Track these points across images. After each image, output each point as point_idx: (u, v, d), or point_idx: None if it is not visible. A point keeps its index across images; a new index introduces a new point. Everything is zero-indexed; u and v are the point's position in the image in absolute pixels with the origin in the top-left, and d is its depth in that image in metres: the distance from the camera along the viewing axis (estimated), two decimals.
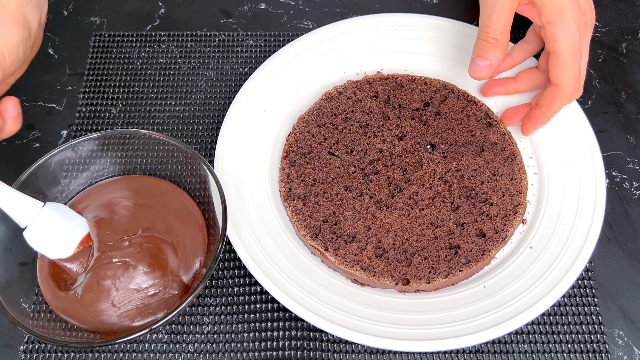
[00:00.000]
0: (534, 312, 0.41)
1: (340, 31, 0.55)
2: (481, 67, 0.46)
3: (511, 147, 0.49)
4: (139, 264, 0.42)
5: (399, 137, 0.50)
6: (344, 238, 0.45)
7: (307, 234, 0.45)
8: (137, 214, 0.44)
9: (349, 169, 0.48)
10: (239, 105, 0.51)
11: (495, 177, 0.47)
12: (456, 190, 0.47)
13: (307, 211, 0.46)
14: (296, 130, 0.50)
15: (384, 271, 0.43)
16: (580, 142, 0.48)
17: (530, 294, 0.42)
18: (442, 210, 0.46)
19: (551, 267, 0.43)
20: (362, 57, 0.55)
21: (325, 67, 0.54)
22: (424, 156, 0.49)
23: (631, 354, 0.43)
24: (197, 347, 0.43)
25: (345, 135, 0.50)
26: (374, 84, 0.53)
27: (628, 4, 0.61)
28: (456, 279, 0.43)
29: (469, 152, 0.49)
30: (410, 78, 0.53)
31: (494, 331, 0.40)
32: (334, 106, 0.52)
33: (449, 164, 0.48)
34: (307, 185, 0.47)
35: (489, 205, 0.46)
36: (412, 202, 0.47)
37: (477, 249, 0.44)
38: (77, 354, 0.43)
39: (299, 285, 0.42)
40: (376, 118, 0.51)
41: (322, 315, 0.41)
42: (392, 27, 0.56)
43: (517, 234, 0.46)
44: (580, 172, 0.47)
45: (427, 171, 0.48)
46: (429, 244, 0.45)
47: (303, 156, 0.49)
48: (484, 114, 0.51)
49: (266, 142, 0.50)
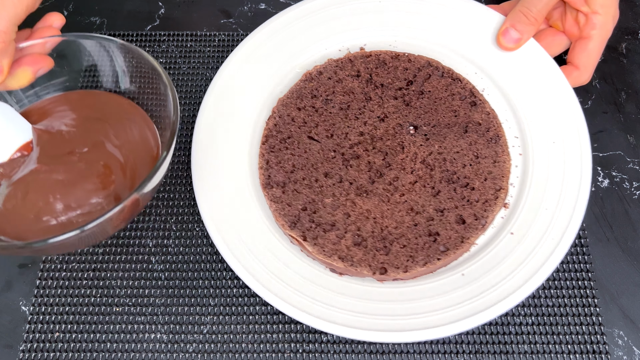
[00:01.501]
0: (511, 302, 0.40)
1: (321, 5, 0.53)
2: (514, 39, 0.49)
3: (495, 127, 0.47)
4: (82, 181, 0.39)
5: (380, 119, 0.49)
6: (322, 226, 0.45)
7: (285, 223, 0.45)
8: (88, 129, 0.42)
9: (329, 154, 0.47)
10: (216, 90, 0.49)
11: (478, 160, 0.46)
12: (437, 174, 0.46)
13: (286, 199, 0.46)
14: (275, 114, 0.49)
15: (362, 260, 0.43)
16: (568, 122, 0.47)
17: (508, 283, 0.41)
18: (422, 195, 0.45)
19: (531, 254, 0.42)
20: (345, 32, 0.53)
21: (306, 44, 0.52)
22: (405, 139, 0.48)
23: (631, 354, 0.43)
24: (196, 347, 0.44)
25: (326, 118, 0.49)
26: (356, 62, 0.51)
27: (628, 4, 0.60)
28: (434, 267, 0.43)
29: (452, 134, 0.47)
30: (394, 55, 0.51)
31: (472, 320, 0.40)
32: (314, 87, 0.50)
33: (431, 146, 0.47)
34: (287, 172, 0.47)
35: (471, 190, 0.45)
36: (392, 188, 0.46)
37: (456, 236, 0.44)
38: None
39: (275, 276, 0.42)
40: (357, 99, 0.50)
41: (298, 306, 0.41)
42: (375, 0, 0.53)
43: (499, 219, 0.45)
44: (566, 154, 0.46)
45: (408, 155, 0.47)
46: (408, 231, 0.44)
47: (282, 141, 0.48)
48: (468, 92, 0.49)
49: (246, 127, 0.49)
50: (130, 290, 0.46)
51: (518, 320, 0.44)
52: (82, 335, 0.44)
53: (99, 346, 0.44)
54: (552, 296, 0.45)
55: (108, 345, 0.44)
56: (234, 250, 0.43)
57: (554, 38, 0.51)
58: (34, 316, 0.45)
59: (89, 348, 0.44)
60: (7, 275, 0.47)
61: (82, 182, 0.40)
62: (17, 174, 0.40)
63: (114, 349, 0.44)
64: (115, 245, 0.48)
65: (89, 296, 0.46)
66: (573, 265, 0.46)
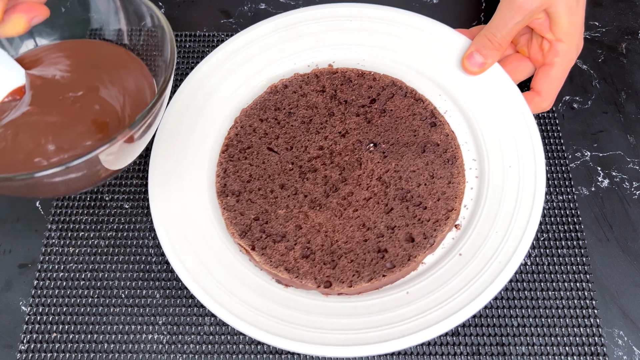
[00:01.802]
0: (451, 322, 0.40)
1: (292, 21, 0.54)
2: (478, 63, 0.49)
3: (453, 149, 0.48)
4: (75, 123, 0.38)
5: (341, 135, 0.49)
6: (272, 237, 0.45)
7: (235, 232, 0.45)
8: (82, 75, 0.41)
9: (287, 166, 0.48)
10: (182, 97, 0.50)
11: (433, 180, 0.46)
12: (392, 191, 0.46)
13: (240, 208, 0.46)
14: (238, 124, 0.50)
15: (308, 273, 0.43)
16: (525, 148, 0.47)
17: (450, 303, 0.41)
18: (375, 212, 0.45)
19: (476, 277, 0.42)
20: (314, 48, 0.54)
21: (275, 58, 0.53)
22: (363, 155, 0.48)
23: (631, 354, 0.43)
24: (194, 348, 0.44)
25: (287, 130, 0.49)
26: (322, 78, 0.52)
27: (628, 4, 0.61)
28: (379, 284, 0.43)
29: (409, 153, 0.48)
30: (360, 73, 0.52)
31: (412, 339, 0.40)
32: (278, 100, 0.51)
33: (389, 164, 0.47)
34: (243, 181, 0.47)
35: (423, 209, 0.45)
36: (346, 203, 0.46)
37: (403, 253, 0.43)
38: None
39: (220, 284, 0.42)
40: (320, 113, 0.50)
41: (240, 316, 0.41)
42: (346, 18, 0.54)
43: (449, 240, 0.45)
44: (521, 178, 0.46)
45: (365, 171, 0.47)
46: (357, 247, 0.44)
47: (242, 151, 0.49)
48: (429, 113, 0.49)
49: (208, 135, 0.50)
50: (128, 291, 0.46)
51: (516, 322, 0.44)
52: (80, 335, 0.44)
53: (97, 347, 0.44)
54: (551, 297, 0.45)
55: (106, 346, 0.44)
56: (181, 255, 0.43)
57: (520, 63, 0.51)
58: (32, 316, 0.45)
59: (87, 348, 0.44)
60: (7, 275, 0.47)
61: (75, 125, 0.39)
62: (8, 117, 0.39)
63: (112, 349, 0.44)
64: (114, 246, 0.48)
65: (87, 296, 0.46)
66: (572, 267, 0.46)
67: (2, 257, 0.48)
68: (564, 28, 0.47)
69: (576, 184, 0.51)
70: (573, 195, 0.50)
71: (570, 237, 0.48)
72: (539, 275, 0.46)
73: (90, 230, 0.48)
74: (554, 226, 0.48)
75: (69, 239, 0.48)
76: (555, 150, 0.52)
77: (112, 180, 0.50)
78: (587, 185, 0.51)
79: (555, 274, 0.46)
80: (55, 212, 0.49)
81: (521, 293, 0.46)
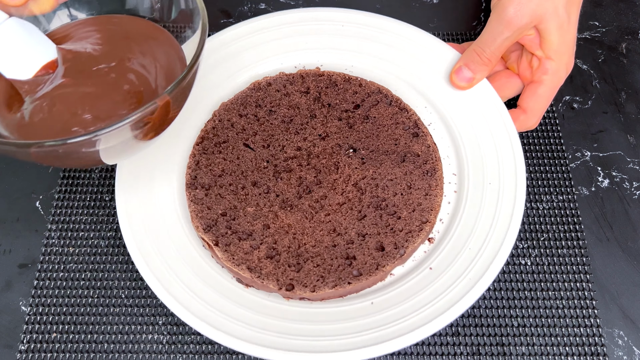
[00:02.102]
0: (415, 337, 0.38)
1: (283, 21, 0.53)
2: (466, 78, 0.48)
3: (433, 161, 0.46)
4: (110, 93, 0.38)
5: (321, 137, 0.48)
6: (238, 234, 0.43)
7: (200, 226, 0.43)
8: (114, 47, 0.41)
9: (262, 163, 0.46)
10: None
11: (410, 191, 0.45)
12: (367, 198, 0.45)
13: (207, 202, 0.44)
14: (216, 117, 0.49)
15: (271, 274, 0.41)
16: (507, 166, 0.45)
17: (414, 318, 0.39)
18: (347, 217, 0.44)
19: (444, 293, 0.40)
20: (302, 50, 0.53)
21: (262, 56, 0.52)
22: (341, 160, 0.46)
23: (631, 354, 0.42)
24: (194, 348, 0.42)
25: (266, 128, 0.48)
26: (307, 79, 0.51)
27: (628, 4, 0.61)
28: (343, 291, 0.41)
29: (388, 161, 0.46)
30: (346, 78, 0.51)
31: (372, 350, 0.38)
32: (260, 97, 0.50)
33: (366, 170, 0.46)
34: (214, 175, 0.46)
35: (397, 219, 0.44)
36: (318, 206, 0.44)
37: (372, 262, 0.42)
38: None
39: (178, 277, 0.41)
40: (302, 114, 0.49)
41: (194, 312, 0.39)
42: (338, 23, 0.53)
43: (421, 253, 0.44)
44: (500, 197, 0.44)
45: (342, 175, 0.46)
46: (325, 251, 0.42)
47: (217, 145, 0.47)
48: (413, 123, 0.48)
49: (184, 126, 0.48)
50: (128, 291, 0.45)
51: (516, 322, 0.43)
52: (80, 335, 0.43)
53: (97, 347, 0.42)
54: (551, 297, 0.44)
55: (106, 346, 0.42)
56: (139, 243, 0.41)
57: (508, 80, 0.50)
58: (32, 316, 0.44)
59: (87, 349, 0.42)
60: (7, 275, 0.46)
61: (110, 94, 0.38)
62: (43, 90, 0.38)
63: (112, 349, 0.42)
64: (113, 246, 0.47)
65: (87, 296, 0.44)
66: (572, 267, 0.45)
67: (2, 257, 0.46)
68: (553, 46, 0.46)
69: (576, 184, 0.50)
70: (573, 195, 0.49)
71: (570, 237, 0.47)
72: (539, 275, 0.45)
73: (90, 230, 0.47)
74: (554, 226, 0.47)
75: (69, 239, 0.47)
76: (555, 150, 0.51)
77: (112, 181, 0.49)
78: (587, 185, 0.50)
79: (555, 274, 0.45)
80: (55, 212, 0.48)
81: (521, 293, 0.44)
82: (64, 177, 0.50)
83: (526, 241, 0.47)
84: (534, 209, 0.48)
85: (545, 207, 0.48)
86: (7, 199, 0.49)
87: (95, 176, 0.50)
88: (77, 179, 0.50)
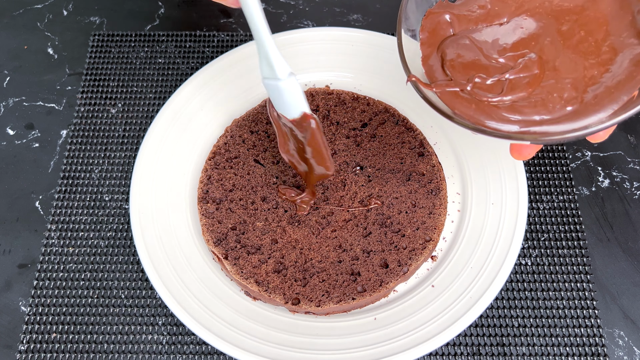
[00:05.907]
0: (417, 352, 0.40)
1: (296, 40, 0.54)
2: (532, 148, 0.40)
3: (438, 180, 0.47)
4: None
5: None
6: (247, 248, 0.44)
7: (210, 239, 0.44)
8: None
9: (271, 179, 0.48)
10: (178, 99, 0.50)
11: (414, 209, 0.46)
12: (372, 216, 0.46)
13: (218, 216, 0.46)
14: (228, 133, 0.50)
15: (277, 288, 0.43)
16: (510, 187, 0.47)
17: (416, 334, 0.40)
18: (353, 234, 0.45)
19: (446, 310, 0.41)
20: (312, 68, 0.54)
21: None
22: (348, 177, 0.48)
23: (631, 354, 0.43)
24: (194, 348, 0.43)
25: (276, 144, 0.50)
26: (317, 97, 0.52)
27: None
28: (348, 307, 0.42)
29: (394, 179, 0.48)
30: (354, 96, 0.52)
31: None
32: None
33: (372, 188, 0.47)
34: (225, 190, 0.47)
35: (401, 237, 0.45)
36: (325, 222, 0.46)
37: (376, 279, 0.43)
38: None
39: (187, 287, 0.42)
40: None
41: (202, 322, 0.41)
42: (348, 42, 0.55)
43: (424, 270, 0.45)
44: (502, 217, 0.45)
45: (348, 192, 0.47)
46: (331, 267, 0.44)
47: (229, 160, 0.49)
48: (419, 142, 0.49)
49: (197, 141, 0.50)
50: (128, 291, 0.46)
51: (517, 322, 0.44)
52: (80, 335, 0.44)
53: (97, 347, 0.43)
54: (551, 298, 0.45)
55: (106, 346, 0.43)
56: (151, 254, 0.43)
57: None
58: (31, 317, 0.44)
59: (87, 349, 0.43)
60: (6, 275, 0.46)
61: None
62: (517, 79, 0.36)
63: (112, 349, 0.43)
64: (113, 246, 0.48)
65: (87, 297, 0.45)
66: (572, 267, 0.46)
67: (2, 257, 0.47)
68: None
69: (577, 184, 0.50)
70: (574, 195, 0.49)
71: (571, 237, 0.48)
72: (539, 276, 0.46)
73: (90, 230, 0.48)
74: (554, 226, 0.48)
75: (69, 239, 0.48)
76: (556, 150, 0.52)
77: (112, 180, 0.51)
78: (588, 185, 0.50)
79: (556, 274, 0.46)
80: (55, 212, 0.49)
81: (521, 293, 0.45)
82: (64, 177, 0.50)
83: (526, 241, 0.47)
84: (535, 209, 0.49)
85: (545, 207, 0.49)
86: (7, 199, 0.50)
87: (95, 176, 0.51)
88: (77, 179, 0.50)
